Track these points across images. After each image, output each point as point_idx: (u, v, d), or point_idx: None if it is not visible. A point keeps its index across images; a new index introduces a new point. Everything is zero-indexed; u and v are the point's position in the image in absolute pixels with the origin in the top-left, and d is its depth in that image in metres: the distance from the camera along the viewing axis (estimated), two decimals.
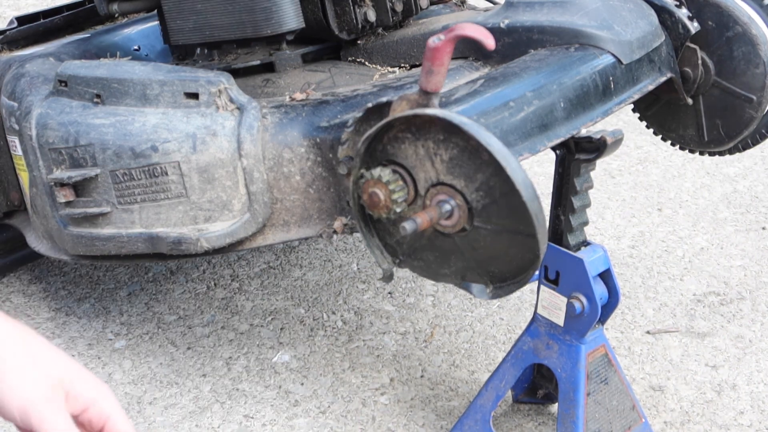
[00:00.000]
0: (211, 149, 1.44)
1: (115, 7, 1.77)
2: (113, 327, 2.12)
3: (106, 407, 0.87)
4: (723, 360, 1.98)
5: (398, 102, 1.20)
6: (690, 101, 1.76)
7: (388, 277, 1.30)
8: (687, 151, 1.88)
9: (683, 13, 1.68)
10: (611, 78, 1.50)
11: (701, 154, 1.87)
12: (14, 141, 1.65)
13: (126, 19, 2.13)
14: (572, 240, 1.57)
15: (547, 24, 1.55)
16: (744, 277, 2.29)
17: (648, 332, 2.08)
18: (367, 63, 1.78)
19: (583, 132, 1.48)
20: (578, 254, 1.53)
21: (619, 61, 1.52)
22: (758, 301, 2.19)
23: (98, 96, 1.51)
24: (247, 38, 1.67)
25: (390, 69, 1.74)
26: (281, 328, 2.10)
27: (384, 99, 1.25)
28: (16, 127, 1.62)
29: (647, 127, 1.92)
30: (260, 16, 1.64)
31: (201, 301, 2.21)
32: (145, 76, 1.49)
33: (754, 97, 1.70)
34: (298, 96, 1.51)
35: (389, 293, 2.23)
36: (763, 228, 2.54)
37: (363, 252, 2.41)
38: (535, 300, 1.64)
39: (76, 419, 0.86)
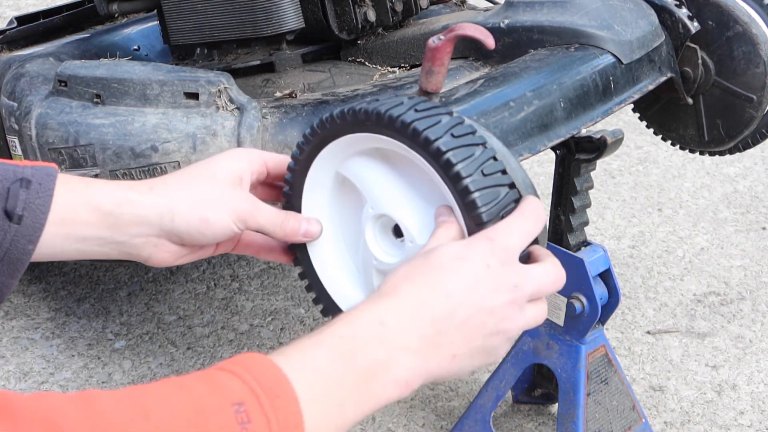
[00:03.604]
0: (211, 149, 1.44)
1: (115, 7, 1.77)
2: (113, 327, 2.12)
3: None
4: (723, 360, 1.98)
5: None
6: (690, 101, 1.76)
7: None
8: (687, 151, 1.88)
9: (683, 12, 1.67)
10: (611, 78, 1.50)
11: (701, 153, 1.87)
12: (14, 141, 1.65)
13: (126, 19, 2.13)
14: (572, 240, 1.57)
15: (547, 24, 1.55)
16: (744, 277, 2.29)
17: (648, 332, 2.08)
18: (367, 63, 1.77)
19: (583, 132, 1.48)
20: (578, 254, 1.53)
21: (619, 60, 1.52)
22: (758, 301, 2.19)
23: (98, 96, 1.51)
24: (247, 38, 1.67)
25: (390, 69, 1.74)
26: (281, 329, 2.10)
27: None
28: (16, 127, 1.62)
29: (647, 127, 1.92)
30: (260, 16, 1.63)
31: (201, 301, 2.21)
32: (145, 76, 1.49)
33: (755, 97, 1.69)
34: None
35: None
36: (764, 228, 2.54)
37: None
38: None
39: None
